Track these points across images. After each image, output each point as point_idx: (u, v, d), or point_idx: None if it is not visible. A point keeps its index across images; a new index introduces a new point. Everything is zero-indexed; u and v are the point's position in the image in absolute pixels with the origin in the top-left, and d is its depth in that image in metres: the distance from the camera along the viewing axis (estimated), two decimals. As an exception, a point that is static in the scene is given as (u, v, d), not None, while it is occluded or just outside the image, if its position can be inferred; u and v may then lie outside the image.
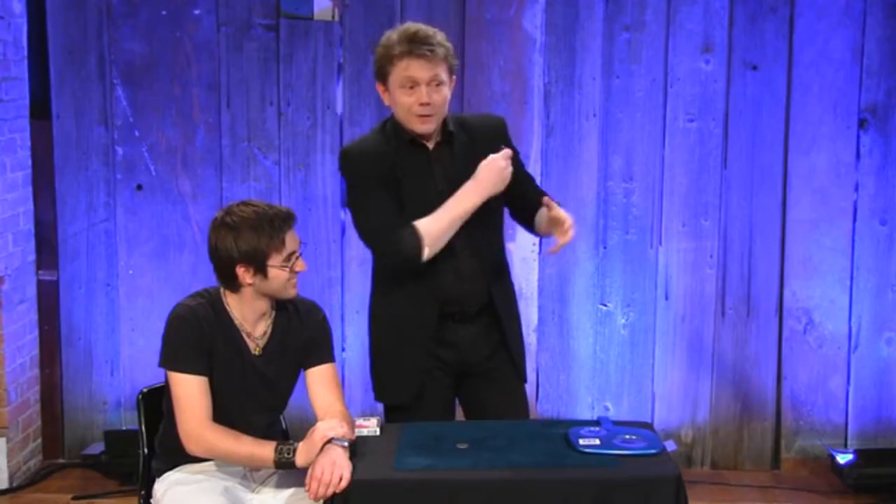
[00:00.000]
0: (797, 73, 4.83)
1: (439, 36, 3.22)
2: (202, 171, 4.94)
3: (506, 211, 3.46)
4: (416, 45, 3.16)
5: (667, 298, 4.94)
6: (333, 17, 4.87)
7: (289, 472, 3.03)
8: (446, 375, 3.38)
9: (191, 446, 3.02)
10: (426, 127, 3.23)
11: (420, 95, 3.18)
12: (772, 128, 4.87)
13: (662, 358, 4.96)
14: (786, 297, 4.92)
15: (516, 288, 3.58)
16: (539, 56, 4.85)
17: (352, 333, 4.98)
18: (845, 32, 4.80)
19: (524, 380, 3.50)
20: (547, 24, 4.83)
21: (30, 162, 4.91)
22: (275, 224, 3.04)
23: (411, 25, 3.24)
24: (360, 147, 3.36)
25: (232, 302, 3.12)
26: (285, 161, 4.94)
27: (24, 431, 4.85)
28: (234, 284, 3.08)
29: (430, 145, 3.30)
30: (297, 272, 3.10)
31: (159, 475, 3.15)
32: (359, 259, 4.95)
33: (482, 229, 3.32)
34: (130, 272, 4.98)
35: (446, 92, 3.22)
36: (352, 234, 4.91)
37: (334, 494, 2.82)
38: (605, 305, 4.94)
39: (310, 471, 2.87)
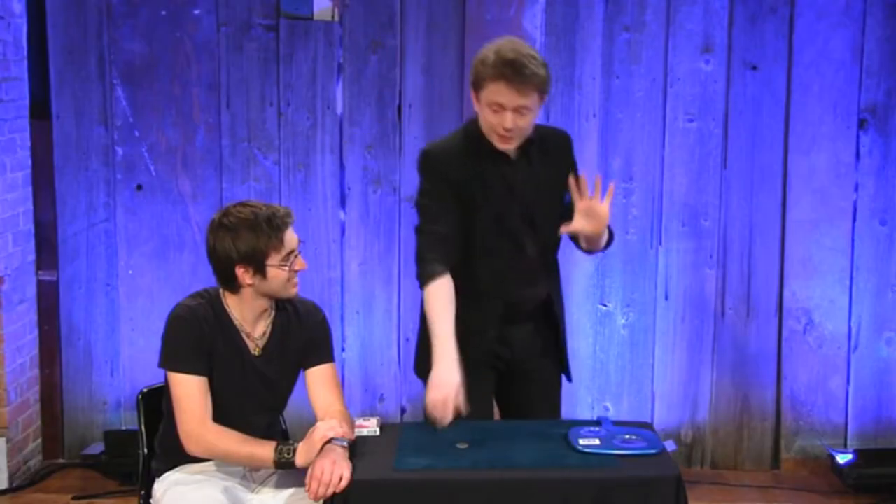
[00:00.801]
0: (797, 73, 4.83)
1: (535, 63, 3.16)
2: (202, 171, 4.94)
3: None
4: (509, 73, 3.13)
5: (667, 298, 4.94)
6: (333, 17, 4.87)
7: (288, 472, 3.04)
8: (494, 372, 3.38)
9: (190, 446, 3.02)
10: (505, 146, 3.25)
11: (504, 119, 3.17)
12: (772, 128, 4.87)
13: (662, 358, 4.96)
14: (786, 298, 4.92)
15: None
16: (539, 56, 4.84)
17: (352, 333, 4.99)
18: (845, 32, 4.80)
19: (570, 379, 3.54)
20: (547, 24, 4.83)
21: (30, 162, 4.91)
22: (272, 223, 3.04)
23: (511, 48, 3.18)
24: (442, 148, 3.35)
25: (231, 302, 3.12)
26: (285, 161, 4.94)
27: (24, 431, 4.85)
28: (233, 285, 3.08)
29: (512, 154, 3.30)
30: (296, 271, 3.10)
31: (159, 475, 3.15)
32: (358, 259, 4.96)
33: (550, 235, 3.35)
34: (130, 272, 4.98)
35: (532, 118, 3.21)
36: (351, 234, 4.94)
37: (334, 494, 2.83)
38: (605, 305, 4.94)
39: (310, 471, 2.87)
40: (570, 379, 3.55)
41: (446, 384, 3.10)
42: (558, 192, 3.36)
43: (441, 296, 3.22)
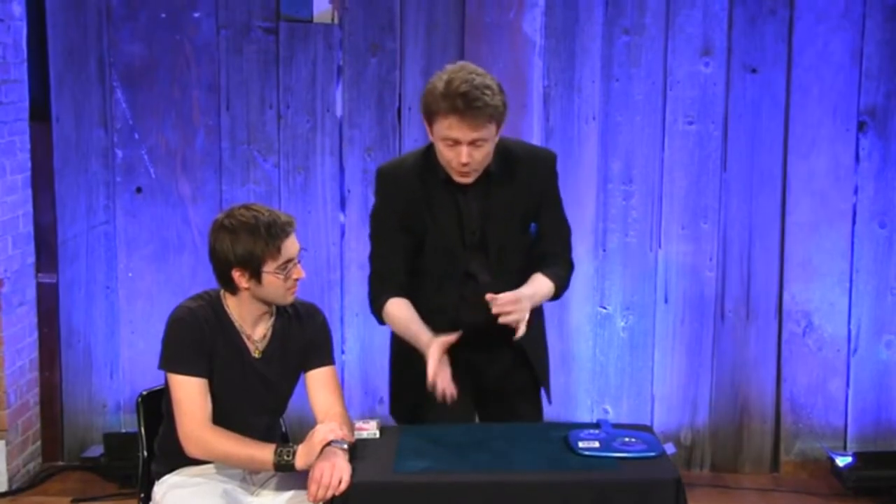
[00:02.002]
0: (796, 75, 4.83)
1: (488, 93, 3.00)
2: (202, 173, 4.94)
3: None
4: (461, 106, 2.97)
5: (666, 301, 4.94)
6: (333, 19, 4.87)
7: (288, 474, 3.03)
8: (467, 396, 3.28)
9: (190, 448, 3.02)
10: (465, 180, 3.14)
11: (460, 154, 3.05)
12: (771, 130, 4.87)
13: (662, 360, 4.96)
14: (785, 300, 4.92)
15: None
16: (539, 59, 4.85)
17: (351, 336, 4.99)
18: (844, 35, 4.81)
19: (547, 393, 3.43)
20: (546, 27, 4.84)
21: (29, 164, 4.91)
22: (272, 231, 3.03)
23: (463, 78, 3.00)
24: (395, 170, 3.28)
25: (232, 304, 3.12)
26: (285, 164, 4.94)
27: (24, 434, 4.85)
28: (231, 287, 3.09)
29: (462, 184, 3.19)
30: (294, 279, 3.10)
31: (158, 478, 3.15)
32: (358, 261, 4.96)
33: (508, 264, 3.25)
34: (130, 275, 4.98)
35: (488, 148, 3.08)
36: (351, 236, 4.94)
37: (334, 497, 2.83)
38: (605, 308, 4.94)
39: (309, 473, 2.87)
40: (549, 401, 3.45)
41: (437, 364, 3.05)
42: (520, 219, 3.25)
43: (401, 309, 3.22)
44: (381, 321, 3.31)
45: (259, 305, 3.11)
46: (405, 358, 3.30)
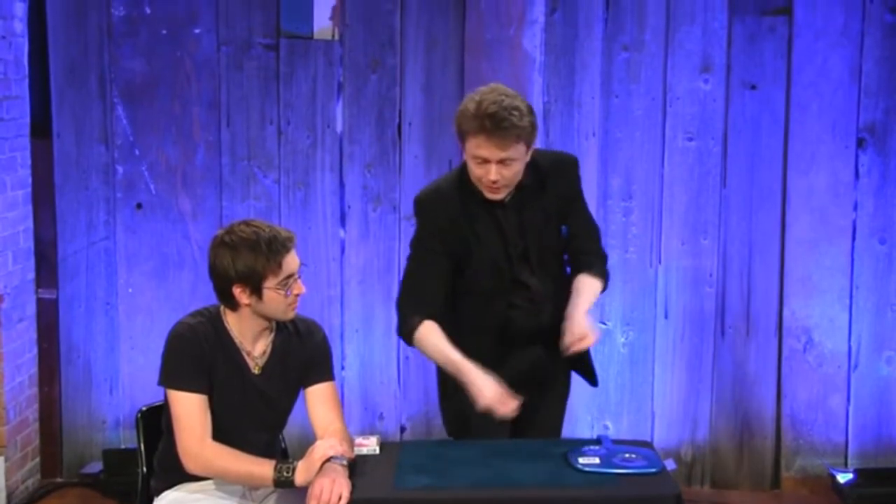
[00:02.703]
0: (796, 92, 4.84)
1: (516, 114, 3.12)
2: (202, 189, 4.95)
3: None
4: (490, 126, 3.09)
5: (666, 317, 4.94)
6: (333, 36, 4.89)
7: (288, 490, 3.03)
8: (509, 388, 3.33)
9: (190, 465, 3.02)
10: (495, 196, 3.24)
11: (489, 172, 3.16)
12: (771, 147, 4.88)
13: (662, 376, 4.96)
14: (785, 316, 4.92)
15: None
16: (538, 75, 4.86)
17: (351, 352, 4.98)
18: (843, 52, 4.82)
19: (596, 384, 3.58)
20: (546, 43, 4.85)
21: (30, 180, 4.91)
22: (273, 247, 3.04)
23: (493, 100, 3.13)
24: (433, 194, 3.36)
25: (232, 320, 3.12)
26: (285, 180, 4.95)
27: (23, 450, 4.84)
28: (231, 303, 3.09)
29: (505, 197, 3.28)
30: (295, 295, 3.10)
31: (158, 494, 3.14)
32: (358, 277, 4.96)
33: (549, 267, 3.36)
34: (130, 291, 4.98)
35: (518, 167, 3.18)
36: (351, 252, 4.94)
37: (333, 513, 2.82)
38: (605, 324, 4.94)
39: (309, 490, 2.87)
40: (595, 384, 3.58)
41: (490, 386, 3.11)
42: (554, 225, 3.37)
43: (433, 333, 3.26)
44: (410, 343, 3.32)
45: (259, 321, 3.11)
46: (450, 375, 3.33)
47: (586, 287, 3.36)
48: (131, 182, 4.95)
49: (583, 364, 3.51)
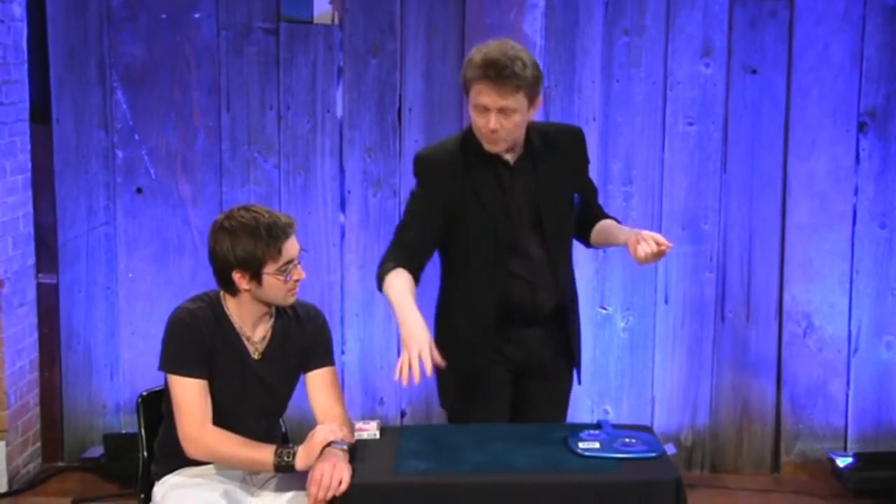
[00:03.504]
0: (797, 77, 4.83)
1: (518, 64, 3.15)
2: (202, 174, 4.94)
3: None
4: (491, 73, 3.13)
5: (666, 302, 4.94)
6: (333, 20, 4.87)
7: (288, 475, 3.03)
8: (508, 373, 3.38)
9: (190, 450, 3.02)
10: (493, 148, 3.25)
11: (489, 121, 3.17)
12: (771, 132, 4.87)
13: (662, 361, 4.96)
14: (785, 301, 4.92)
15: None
16: (539, 60, 4.84)
17: (351, 337, 4.99)
18: (844, 37, 4.81)
19: (579, 382, 3.56)
20: (546, 28, 4.84)
21: (30, 165, 4.91)
22: (272, 232, 3.03)
23: (498, 49, 3.18)
24: (436, 152, 3.37)
25: (231, 306, 3.12)
26: (285, 165, 4.94)
27: (24, 435, 4.85)
28: (231, 289, 3.09)
29: (511, 159, 3.29)
30: (295, 280, 3.10)
31: (158, 478, 3.15)
32: (358, 262, 4.96)
33: (559, 239, 3.37)
34: (130, 276, 4.98)
35: (518, 119, 3.19)
36: (351, 237, 4.94)
37: (334, 498, 2.83)
38: (605, 309, 4.94)
39: (309, 474, 2.87)
40: (579, 381, 3.56)
41: (418, 338, 3.06)
42: (567, 192, 3.39)
43: (398, 279, 3.20)
44: (381, 288, 3.27)
45: (259, 307, 3.11)
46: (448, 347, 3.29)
47: (616, 225, 3.47)
48: (131, 167, 4.94)
49: (575, 359, 3.51)
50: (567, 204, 3.40)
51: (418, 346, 3.03)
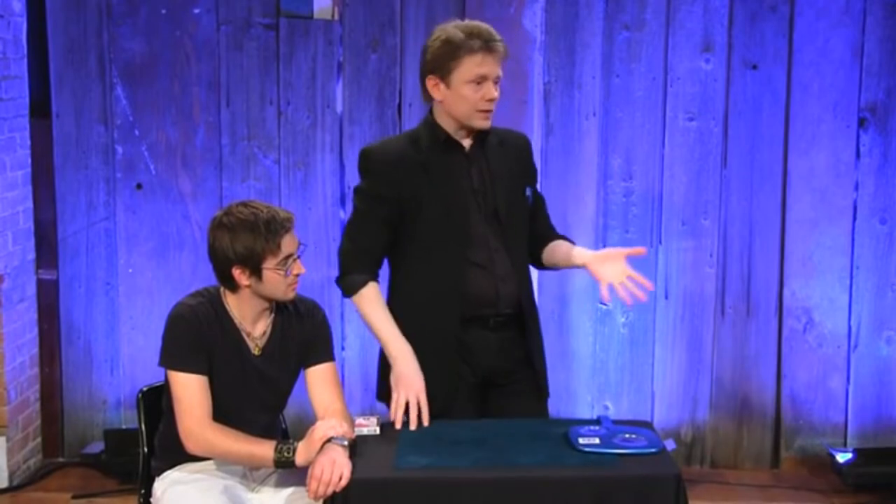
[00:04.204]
0: (797, 72, 4.83)
1: (496, 33, 3.24)
2: (202, 170, 4.94)
3: None
4: (489, 42, 3.17)
5: (666, 297, 4.94)
6: (333, 16, 4.87)
7: (288, 471, 3.04)
8: (470, 389, 3.28)
9: (190, 445, 3.03)
10: (486, 123, 3.23)
11: (488, 91, 3.17)
12: (771, 127, 4.87)
13: (662, 357, 4.96)
14: (785, 297, 4.92)
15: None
16: (539, 55, 4.85)
17: (352, 332, 4.99)
18: (845, 32, 4.80)
19: (547, 395, 3.41)
20: (547, 22, 4.83)
21: (29, 161, 4.91)
22: (271, 227, 3.03)
23: (475, 23, 3.23)
24: (384, 145, 3.33)
25: (231, 301, 3.12)
26: (285, 160, 4.94)
27: (24, 430, 4.85)
28: (231, 285, 3.09)
29: (466, 145, 3.27)
30: (295, 275, 3.09)
31: (159, 474, 3.15)
32: (358, 258, 4.95)
33: (515, 231, 3.30)
34: (130, 271, 4.98)
35: (499, 89, 3.24)
36: (351, 233, 4.92)
37: (334, 493, 2.83)
38: (605, 305, 4.94)
39: (309, 470, 2.87)
40: (546, 395, 3.40)
41: (412, 382, 3.12)
42: (520, 188, 3.33)
43: (372, 299, 3.23)
44: (348, 296, 3.28)
45: (260, 302, 3.11)
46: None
47: (568, 246, 3.38)
48: (131, 162, 4.94)
49: (539, 371, 3.38)
50: (521, 196, 3.33)
51: (416, 395, 3.11)
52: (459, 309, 3.22)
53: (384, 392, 3.29)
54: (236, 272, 3.04)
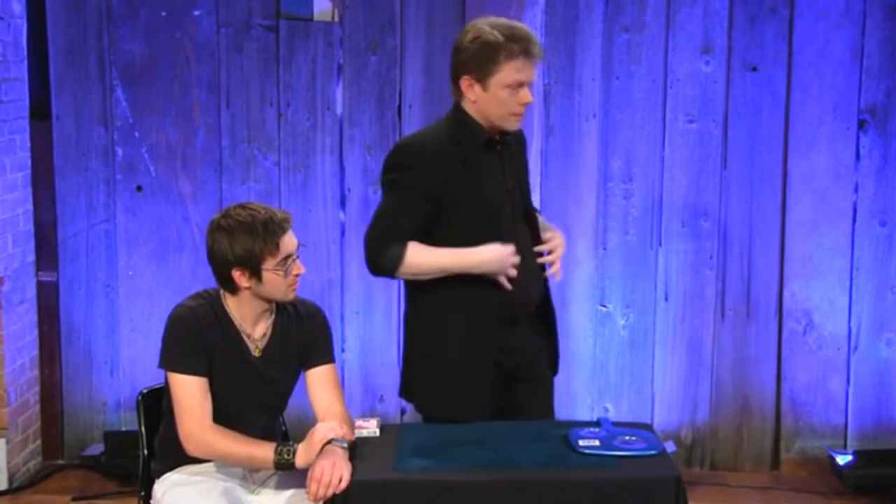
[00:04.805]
0: (797, 74, 4.83)
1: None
2: (202, 171, 4.94)
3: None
4: (530, 48, 3.15)
5: (666, 299, 4.94)
6: (333, 18, 4.87)
7: (288, 473, 3.04)
8: (500, 382, 3.31)
9: (190, 447, 3.02)
10: (517, 125, 3.26)
11: (525, 95, 3.17)
12: (771, 129, 4.87)
13: (662, 359, 4.96)
14: (785, 298, 4.92)
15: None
16: (539, 57, 4.84)
17: (352, 334, 4.99)
18: (845, 34, 4.81)
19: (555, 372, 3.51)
20: (547, 25, 4.83)
21: (29, 163, 4.91)
22: (269, 228, 3.03)
23: (512, 23, 3.20)
24: (423, 139, 3.26)
25: (231, 303, 3.12)
26: (285, 162, 4.94)
27: (24, 432, 4.85)
28: (231, 287, 3.09)
29: (498, 145, 3.29)
30: (295, 275, 3.10)
31: (159, 476, 3.15)
32: (358, 260, 4.93)
33: (532, 229, 3.34)
34: (130, 273, 4.98)
35: None
36: (351, 235, 4.94)
37: (334, 495, 2.83)
38: (605, 306, 4.94)
39: (309, 472, 2.87)
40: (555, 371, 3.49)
41: (495, 252, 3.15)
42: (527, 184, 3.42)
43: (419, 250, 3.17)
44: (392, 270, 3.22)
45: (260, 304, 3.11)
46: (433, 347, 3.28)
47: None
48: (131, 164, 4.94)
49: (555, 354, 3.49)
50: (527, 192, 3.41)
51: (503, 257, 3.14)
52: (496, 310, 3.23)
53: (408, 388, 3.35)
54: (236, 274, 3.04)
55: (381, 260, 3.21)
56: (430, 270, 3.19)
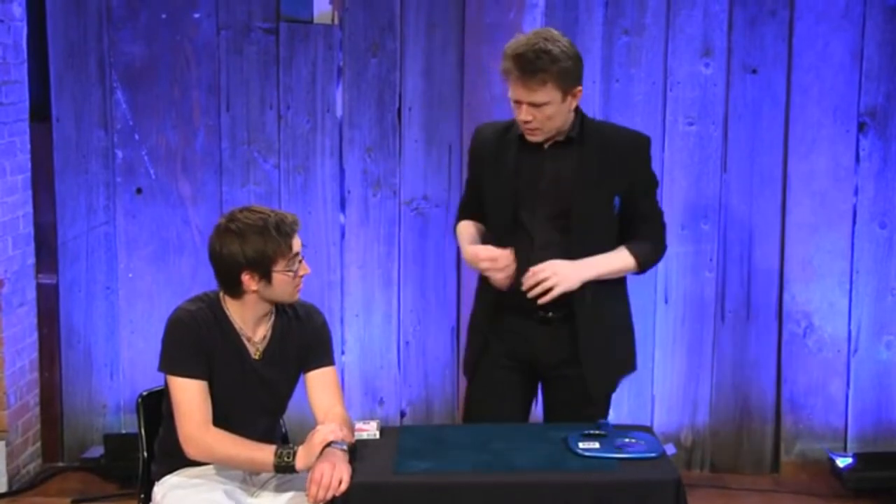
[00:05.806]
0: (797, 76, 4.83)
1: (545, 58, 3.14)
2: (202, 174, 4.94)
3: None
4: (517, 69, 3.17)
5: (666, 302, 4.94)
6: (333, 20, 4.87)
7: (288, 475, 3.03)
8: (521, 374, 3.40)
9: (190, 450, 3.03)
10: (532, 137, 3.28)
11: (521, 113, 3.23)
12: (771, 131, 4.87)
13: (662, 361, 4.96)
14: (785, 301, 4.92)
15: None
16: (539, 59, 4.84)
17: (351, 337, 4.98)
18: (845, 36, 4.81)
19: (595, 398, 3.37)
20: (546, 27, 4.83)
21: (29, 165, 4.91)
22: (281, 230, 3.05)
23: (526, 41, 3.18)
24: (484, 127, 3.50)
25: (231, 306, 3.12)
26: (285, 164, 4.94)
27: (24, 435, 4.85)
28: (237, 290, 3.08)
29: (546, 144, 3.32)
30: (300, 277, 3.11)
31: (158, 479, 3.15)
32: (358, 262, 4.96)
33: (585, 235, 3.30)
34: (130, 275, 4.98)
35: (551, 111, 3.19)
36: (351, 237, 4.94)
37: (334, 498, 2.83)
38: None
39: (309, 474, 2.88)
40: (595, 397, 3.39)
41: (477, 248, 3.30)
42: (608, 192, 3.31)
43: (465, 226, 3.48)
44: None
45: (263, 306, 3.11)
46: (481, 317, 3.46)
47: (614, 253, 3.33)
48: (131, 166, 4.94)
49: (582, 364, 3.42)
50: (604, 204, 3.31)
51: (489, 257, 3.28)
52: (509, 299, 3.34)
53: (468, 363, 3.50)
54: (245, 277, 3.04)
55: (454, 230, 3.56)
56: (460, 240, 3.51)
